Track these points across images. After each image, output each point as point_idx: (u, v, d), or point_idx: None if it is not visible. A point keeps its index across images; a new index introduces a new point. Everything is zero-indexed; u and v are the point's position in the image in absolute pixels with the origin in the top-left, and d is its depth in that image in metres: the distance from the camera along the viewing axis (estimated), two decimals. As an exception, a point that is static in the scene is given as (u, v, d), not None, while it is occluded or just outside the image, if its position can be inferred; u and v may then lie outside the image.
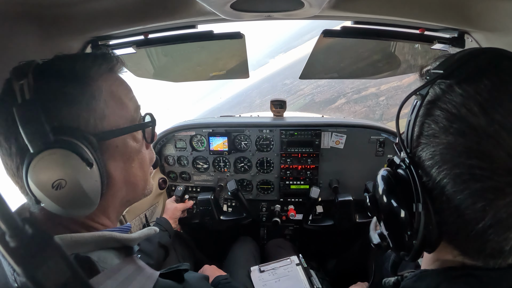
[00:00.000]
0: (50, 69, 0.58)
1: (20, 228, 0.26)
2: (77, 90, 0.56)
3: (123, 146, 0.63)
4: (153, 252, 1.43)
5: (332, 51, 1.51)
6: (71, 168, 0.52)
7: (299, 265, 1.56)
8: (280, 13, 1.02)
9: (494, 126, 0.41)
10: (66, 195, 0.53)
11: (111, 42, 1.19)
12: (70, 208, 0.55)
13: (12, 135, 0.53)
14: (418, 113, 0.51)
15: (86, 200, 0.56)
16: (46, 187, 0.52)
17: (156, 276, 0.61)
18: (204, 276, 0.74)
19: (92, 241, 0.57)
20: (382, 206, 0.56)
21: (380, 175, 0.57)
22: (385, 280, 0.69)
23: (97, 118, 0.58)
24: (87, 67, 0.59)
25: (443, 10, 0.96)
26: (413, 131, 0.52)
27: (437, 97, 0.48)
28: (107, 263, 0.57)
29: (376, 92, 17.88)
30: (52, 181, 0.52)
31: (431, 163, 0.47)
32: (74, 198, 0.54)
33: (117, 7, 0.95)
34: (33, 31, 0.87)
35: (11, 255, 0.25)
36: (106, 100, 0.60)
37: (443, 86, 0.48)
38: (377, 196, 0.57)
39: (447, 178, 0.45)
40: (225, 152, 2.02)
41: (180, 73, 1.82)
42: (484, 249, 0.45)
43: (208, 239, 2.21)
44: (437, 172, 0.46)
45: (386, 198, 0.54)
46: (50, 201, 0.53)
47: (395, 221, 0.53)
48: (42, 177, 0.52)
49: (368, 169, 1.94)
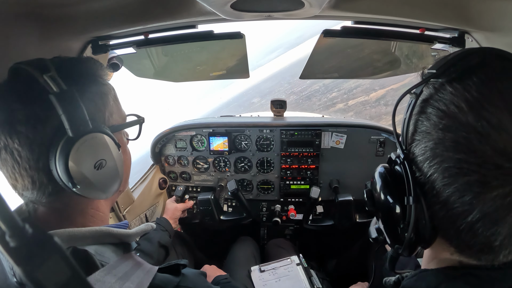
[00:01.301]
0: (67, 68, 0.62)
1: (20, 228, 0.26)
2: (96, 88, 0.64)
3: (121, 140, 0.71)
4: (153, 252, 1.43)
5: (332, 51, 1.51)
6: (109, 149, 0.61)
7: (300, 265, 1.56)
8: (280, 13, 1.02)
9: (481, 122, 0.42)
10: (105, 174, 0.61)
11: (111, 42, 1.19)
12: (105, 187, 0.63)
13: (39, 123, 0.55)
14: (413, 111, 0.53)
15: (118, 179, 0.65)
16: (88, 167, 0.58)
17: (154, 271, 0.61)
18: (201, 272, 0.75)
19: (90, 236, 0.59)
20: (378, 200, 0.58)
21: (377, 171, 0.60)
22: (385, 280, 0.69)
23: (108, 113, 0.66)
24: (97, 69, 0.67)
25: (443, 10, 0.96)
26: (408, 128, 0.54)
27: (430, 95, 0.50)
28: (104, 256, 0.58)
29: (344, 107, 18.01)
30: (95, 161, 0.59)
31: (422, 158, 0.49)
32: (111, 176, 0.63)
33: (117, 7, 0.95)
34: (33, 31, 0.87)
35: (11, 255, 0.25)
36: (113, 100, 0.68)
37: (436, 85, 0.50)
38: (373, 191, 0.60)
39: (437, 172, 0.46)
40: (225, 152, 2.02)
41: (180, 73, 1.82)
42: (474, 244, 0.46)
43: (208, 239, 2.21)
44: (428, 166, 0.48)
45: (381, 193, 0.57)
46: (90, 181, 0.59)
47: (390, 215, 0.55)
48: (85, 159, 0.58)
49: (369, 169, 1.93)
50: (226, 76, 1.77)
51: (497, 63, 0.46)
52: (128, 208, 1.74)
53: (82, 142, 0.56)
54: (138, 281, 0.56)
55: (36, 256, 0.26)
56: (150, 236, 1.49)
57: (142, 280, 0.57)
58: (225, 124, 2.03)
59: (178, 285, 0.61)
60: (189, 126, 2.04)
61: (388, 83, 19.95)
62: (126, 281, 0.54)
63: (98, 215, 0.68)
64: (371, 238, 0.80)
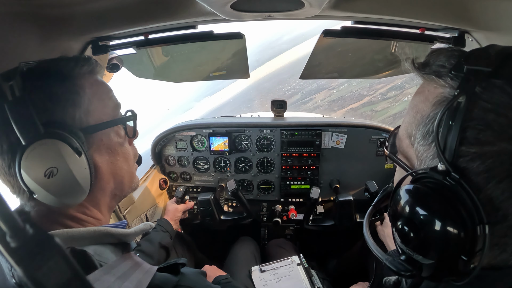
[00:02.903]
0: (36, 71, 0.61)
1: (21, 229, 0.26)
2: (62, 88, 0.60)
3: (107, 140, 0.67)
4: (154, 253, 1.44)
5: (332, 51, 1.51)
6: (61, 156, 0.56)
7: (300, 265, 1.56)
8: (280, 13, 1.02)
9: None
10: (58, 183, 0.57)
11: (112, 43, 1.19)
12: (62, 196, 0.58)
13: (3, 133, 0.56)
14: (455, 117, 0.43)
15: (77, 187, 0.59)
16: (39, 176, 0.55)
17: (153, 271, 0.61)
18: (201, 271, 0.74)
19: (88, 236, 0.59)
20: (426, 231, 0.46)
21: (411, 195, 0.48)
22: (385, 279, 0.69)
23: (82, 113, 0.62)
24: (70, 67, 0.63)
25: (443, 10, 0.96)
26: (447, 139, 0.44)
27: (481, 98, 0.42)
28: (102, 256, 0.58)
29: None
30: (44, 170, 0.56)
31: (486, 176, 0.41)
32: (66, 185, 0.58)
33: (117, 8, 0.95)
34: (33, 31, 0.87)
35: (12, 256, 0.25)
36: (89, 98, 0.64)
37: (485, 85, 0.42)
38: (414, 220, 0.47)
39: (507, 192, 0.40)
40: (225, 152, 2.02)
41: (180, 73, 1.82)
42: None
43: (209, 240, 2.21)
44: (495, 187, 0.41)
45: (433, 222, 0.45)
46: (43, 190, 0.56)
47: (445, 247, 0.45)
48: (34, 167, 0.55)
49: (369, 169, 1.93)
50: (226, 76, 1.76)
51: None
52: (128, 208, 1.74)
53: (31, 150, 0.54)
54: (137, 281, 0.56)
55: (37, 256, 0.26)
56: (151, 237, 1.50)
57: (141, 280, 0.57)
58: (226, 124, 2.03)
59: (177, 284, 0.61)
60: (189, 127, 2.04)
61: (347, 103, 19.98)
62: (125, 281, 0.54)
63: (88, 219, 0.66)
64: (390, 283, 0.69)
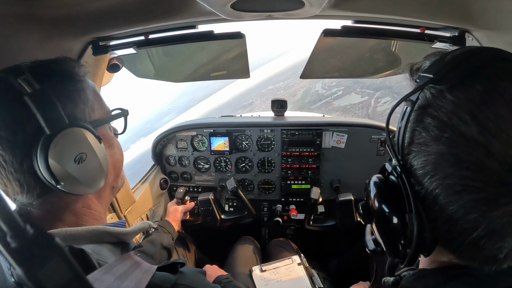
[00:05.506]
0: (42, 69, 0.62)
1: (21, 229, 0.26)
2: (72, 85, 0.64)
3: (106, 134, 0.72)
4: (155, 253, 1.43)
5: (332, 50, 1.51)
6: (88, 142, 0.61)
7: (301, 265, 1.56)
8: (280, 12, 1.02)
9: (486, 135, 0.39)
10: (86, 167, 0.61)
11: (112, 43, 1.19)
12: (88, 180, 0.62)
13: (18, 126, 0.56)
14: (409, 119, 0.49)
15: (100, 172, 0.64)
16: (69, 162, 0.58)
17: (153, 270, 0.61)
18: (200, 270, 0.75)
19: (87, 235, 0.60)
20: (375, 213, 0.56)
21: (372, 182, 0.57)
22: (384, 279, 0.69)
23: (89, 109, 0.66)
24: (73, 67, 0.66)
25: (443, 9, 0.95)
26: (404, 137, 0.50)
27: (428, 103, 0.47)
28: (101, 255, 0.59)
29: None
30: (75, 156, 0.59)
31: (422, 173, 0.46)
32: (93, 169, 0.62)
33: (118, 8, 0.95)
34: (33, 31, 0.87)
35: (13, 256, 0.25)
36: (92, 96, 0.68)
37: (433, 91, 0.46)
38: (369, 203, 0.57)
39: (439, 188, 0.44)
40: (226, 152, 2.03)
41: (180, 74, 1.82)
42: (478, 256, 0.45)
43: (210, 239, 2.21)
44: (429, 182, 0.45)
45: (379, 206, 0.54)
46: (73, 176, 0.59)
47: (389, 229, 0.53)
48: (64, 154, 0.57)
49: (369, 169, 1.93)
50: (226, 76, 1.76)
51: (500, 67, 0.43)
52: (129, 208, 1.74)
53: (59, 138, 0.56)
54: (137, 280, 0.56)
55: (38, 256, 0.26)
56: (153, 238, 1.50)
57: (141, 279, 0.57)
58: (226, 124, 2.03)
59: (176, 283, 0.61)
60: (189, 126, 2.05)
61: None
62: (125, 280, 0.54)
63: (91, 214, 0.68)
64: (368, 250, 0.78)
